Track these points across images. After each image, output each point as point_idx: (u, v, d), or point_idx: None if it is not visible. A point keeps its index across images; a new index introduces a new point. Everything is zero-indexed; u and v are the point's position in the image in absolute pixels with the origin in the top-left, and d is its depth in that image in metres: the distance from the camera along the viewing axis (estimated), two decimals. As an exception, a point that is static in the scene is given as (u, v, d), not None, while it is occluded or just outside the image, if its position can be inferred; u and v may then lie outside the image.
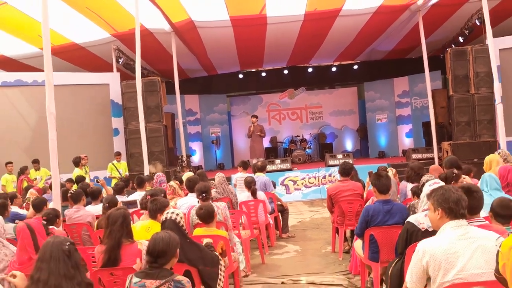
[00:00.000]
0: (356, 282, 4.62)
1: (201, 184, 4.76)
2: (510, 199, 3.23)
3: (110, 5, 9.20)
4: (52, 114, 5.19)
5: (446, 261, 2.35)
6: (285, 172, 11.40)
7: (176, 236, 2.69)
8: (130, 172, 10.08)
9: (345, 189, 5.50)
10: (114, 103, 11.24)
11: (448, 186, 2.64)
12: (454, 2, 10.54)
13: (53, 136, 5.19)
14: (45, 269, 2.33)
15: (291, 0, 9.88)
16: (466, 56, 10.41)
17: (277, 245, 6.57)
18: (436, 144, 11.00)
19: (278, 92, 16.85)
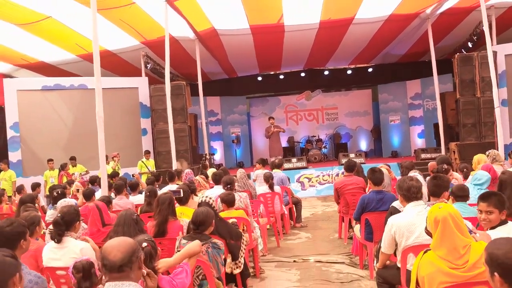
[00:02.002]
0: (356, 260, 5.56)
1: (227, 177, 5.78)
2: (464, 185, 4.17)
3: (140, 16, 10.24)
4: (101, 118, 6.24)
5: (407, 231, 3.30)
6: (301, 170, 12.33)
7: (211, 211, 3.71)
8: (158, 169, 11.13)
9: (349, 183, 6.43)
10: (143, 105, 12.34)
11: (405, 177, 3.58)
12: (462, 11, 11.29)
13: (101, 137, 6.24)
14: (120, 231, 3.34)
15: (306, 10, 10.75)
16: (472, 61, 11.18)
17: (290, 232, 7.55)
18: (444, 145, 11.81)
19: (295, 94, 17.81)
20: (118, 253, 1.99)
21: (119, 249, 2.00)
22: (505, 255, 1.71)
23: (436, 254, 2.54)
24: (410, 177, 3.53)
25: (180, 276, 2.72)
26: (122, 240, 2.09)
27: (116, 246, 2.02)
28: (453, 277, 2.46)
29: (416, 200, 3.40)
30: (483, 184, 4.73)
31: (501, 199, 3.23)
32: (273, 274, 5.41)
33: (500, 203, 3.18)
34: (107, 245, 2.05)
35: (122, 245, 2.03)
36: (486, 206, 3.16)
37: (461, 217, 2.62)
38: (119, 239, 2.11)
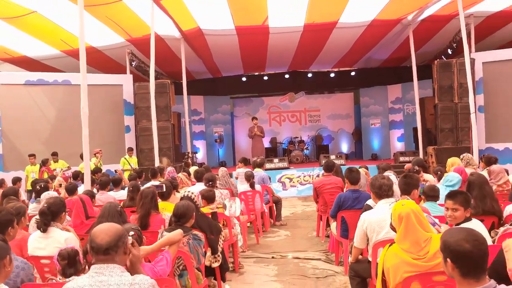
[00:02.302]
0: (332, 257, 5.78)
1: (209, 174, 5.95)
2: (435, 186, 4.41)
3: (126, 14, 10.32)
4: (85, 114, 6.34)
5: (378, 226, 3.51)
6: (283, 170, 12.55)
7: (192, 204, 3.87)
8: (140, 166, 11.20)
9: (328, 182, 6.64)
10: (127, 102, 12.41)
11: (377, 176, 3.81)
12: (442, 18, 11.63)
13: (86, 133, 6.34)
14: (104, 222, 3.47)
15: (291, 13, 10.96)
16: (451, 68, 11.50)
17: (270, 230, 7.75)
18: (422, 148, 12.15)
19: (279, 95, 18.03)
20: (105, 237, 2.14)
21: (107, 233, 2.15)
22: (456, 242, 1.92)
23: (400, 247, 2.74)
24: (382, 176, 3.75)
25: (161, 263, 2.88)
26: (111, 225, 2.24)
27: (104, 230, 2.18)
28: (416, 267, 2.67)
29: (387, 197, 3.62)
30: (454, 185, 4.98)
31: (467, 198, 3.46)
32: (252, 269, 5.60)
33: (466, 202, 3.41)
34: (96, 229, 2.20)
35: (110, 230, 2.18)
36: (452, 204, 3.38)
37: (423, 213, 2.83)
38: (108, 224, 2.27)
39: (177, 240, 3.28)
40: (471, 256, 1.87)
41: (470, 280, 1.89)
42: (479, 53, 11.78)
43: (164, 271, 2.86)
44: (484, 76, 11.66)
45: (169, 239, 3.25)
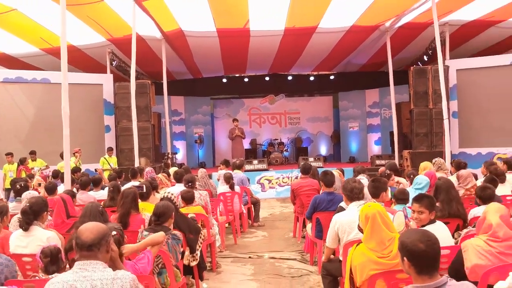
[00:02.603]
0: (307, 257, 5.98)
1: (188, 175, 6.09)
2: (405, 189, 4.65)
3: (108, 14, 10.36)
4: (66, 114, 6.41)
5: (349, 227, 3.71)
6: (262, 172, 12.74)
7: (171, 204, 4.02)
8: (120, 166, 11.24)
9: (305, 184, 6.84)
10: (107, 102, 12.43)
11: (349, 179, 4.02)
12: (418, 26, 11.97)
13: (66, 132, 6.41)
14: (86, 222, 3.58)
15: (272, 17, 11.16)
16: (426, 74, 11.87)
17: (248, 231, 7.93)
18: (398, 152, 12.49)
19: (259, 97, 18.24)
20: (90, 235, 2.28)
21: (91, 231, 2.30)
22: (412, 242, 2.12)
23: (367, 246, 2.95)
24: (353, 179, 3.96)
25: (142, 261, 3.02)
26: (96, 224, 2.39)
27: (89, 229, 2.32)
28: (380, 265, 2.87)
29: (358, 200, 3.83)
30: (423, 188, 5.22)
31: (432, 201, 3.69)
32: (229, 268, 5.76)
33: (430, 205, 3.63)
34: (82, 227, 2.34)
35: (95, 229, 2.33)
36: (418, 206, 3.60)
37: (388, 214, 3.04)
38: (93, 223, 2.41)
39: (160, 241, 3.43)
40: (425, 255, 2.08)
41: (424, 277, 2.09)
42: (454, 60, 12.18)
43: (145, 269, 3.01)
44: (458, 83, 12.06)
45: (152, 240, 3.39)
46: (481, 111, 11.87)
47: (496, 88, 11.69)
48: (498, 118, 11.60)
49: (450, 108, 11.75)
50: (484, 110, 11.84)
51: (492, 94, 11.73)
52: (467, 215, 4.49)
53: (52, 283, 2.24)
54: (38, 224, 3.73)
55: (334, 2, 9.94)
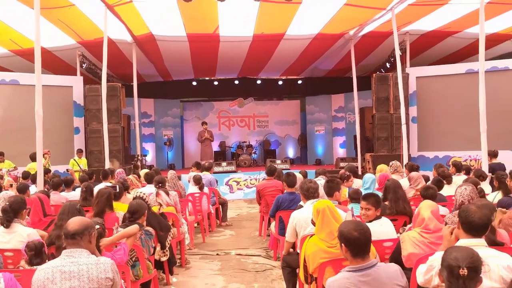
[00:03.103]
0: (271, 253, 6.43)
1: (159, 177, 6.44)
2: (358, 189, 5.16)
3: (79, 18, 10.55)
4: (40, 116, 6.66)
5: (305, 222, 4.16)
6: (230, 174, 13.14)
7: (144, 203, 4.38)
8: (89, 168, 11.42)
9: (269, 185, 7.29)
10: (76, 104, 12.58)
11: (305, 180, 4.48)
12: (381, 35, 12.62)
13: (39, 134, 6.65)
14: (65, 219, 3.90)
15: (241, 24, 11.58)
16: (387, 81, 12.53)
17: (216, 230, 8.32)
18: (361, 155, 13.11)
19: (228, 100, 18.65)
20: (75, 226, 2.65)
21: (76, 223, 2.68)
22: (348, 231, 2.57)
23: (318, 237, 3.40)
24: (309, 180, 4.42)
25: (119, 253, 3.39)
26: (81, 218, 2.77)
27: (75, 221, 2.70)
28: (329, 253, 3.33)
29: (313, 198, 4.29)
30: (370, 186, 5.76)
31: (378, 199, 4.17)
32: (197, 264, 6.15)
33: (377, 203, 4.12)
34: (70, 220, 2.71)
35: (79, 221, 2.71)
36: (365, 204, 4.08)
37: (336, 209, 3.50)
38: (79, 217, 2.79)
39: (134, 233, 3.80)
40: (358, 242, 2.53)
41: (358, 259, 2.55)
42: (413, 68, 12.91)
43: (122, 260, 3.37)
44: (418, 90, 12.79)
45: (126, 232, 3.76)
46: (439, 116, 12.61)
47: (453, 95, 12.44)
48: (454, 123, 12.35)
49: (409, 114, 12.47)
50: (441, 116, 12.59)
51: (449, 100, 12.48)
52: (413, 212, 5.01)
53: (41, 268, 2.60)
54: (19, 222, 4.03)
55: (300, 11, 10.42)
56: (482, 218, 2.66)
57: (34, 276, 2.59)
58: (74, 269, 2.55)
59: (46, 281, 2.53)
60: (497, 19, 11.02)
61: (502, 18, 11.01)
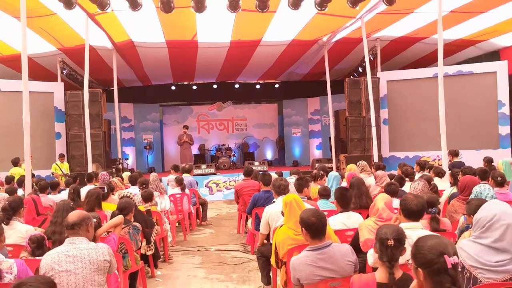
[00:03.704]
0: (249, 248, 6.95)
1: (142, 179, 6.92)
2: (327, 186, 5.73)
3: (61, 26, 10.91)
4: (27, 123, 7.05)
5: (276, 216, 4.70)
6: (210, 176, 13.61)
7: (132, 201, 4.86)
8: (71, 172, 11.77)
9: (247, 185, 7.81)
10: (58, 109, 12.91)
11: (277, 178, 5.03)
12: (353, 41, 13.27)
13: (27, 141, 7.05)
14: (59, 216, 4.37)
15: (218, 31, 12.08)
16: (359, 85, 13.21)
17: (196, 229, 8.81)
18: (335, 156, 13.75)
19: (207, 104, 19.13)
20: (74, 218, 3.15)
21: (75, 216, 3.19)
22: (307, 217, 3.10)
23: (287, 226, 3.93)
24: (281, 178, 4.97)
25: (109, 243, 3.86)
26: (79, 212, 3.27)
27: (74, 214, 3.20)
28: (296, 240, 3.86)
29: (284, 194, 4.82)
30: (333, 184, 6.36)
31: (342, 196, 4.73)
32: (180, 259, 6.63)
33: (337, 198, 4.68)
34: (70, 214, 3.19)
35: (78, 214, 3.21)
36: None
37: (302, 201, 4.05)
38: (78, 211, 3.28)
39: (119, 223, 4.27)
40: (316, 226, 3.07)
41: (316, 240, 3.09)
42: (384, 72, 13.62)
43: (113, 247, 3.84)
44: (388, 93, 13.49)
45: (112, 223, 4.24)
46: (409, 118, 13.33)
47: (421, 98, 13.16)
48: (423, 125, 13.06)
49: (381, 116, 13.17)
50: (411, 118, 13.32)
51: (418, 103, 13.21)
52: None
53: (49, 254, 3.07)
54: (17, 219, 4.46)
55: (275, 19, 10.97)
56: (417, 205, 3.24)
57: (42, 261, 3.06)
58: (77, 253, 3.03)
59: (53, 264, 3.00)
60: (461, 25, 11.74)
61: (466, 25, 11.73)
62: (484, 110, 12.79)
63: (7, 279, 2.98)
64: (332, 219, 4.57)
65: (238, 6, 8.20)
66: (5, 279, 2.97)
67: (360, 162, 8.49)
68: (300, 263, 3.05)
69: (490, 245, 2.59)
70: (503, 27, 11.64)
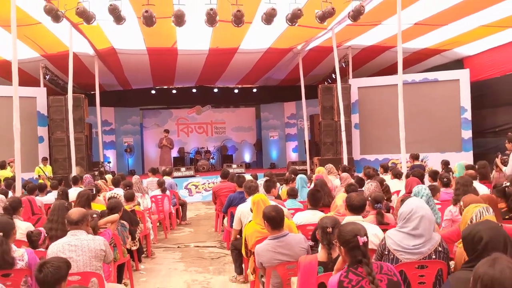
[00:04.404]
0: (225, 245, 7.64)
1: (126, 181, 7.57)
2: (294, 187, 6.48)
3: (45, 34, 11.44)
4: (17, 129, 7.63)
5: (247, 213, 5.41)
6: (189, 178, 14.27)
7: (120, 201, 5.52)
8: (54, 175, 12.28)
9: (224, 187, 8.52)
10: (40, 114, 13.41)
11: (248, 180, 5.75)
12: (326, 49, 14.08)
13: (17, 145, 7.62)
14: (56, 214, 5.00)
15: (197, 39, 12.75)
16: (332, 91, 14.02)
17: (176, 228, 9.48)
18: (309, 159, 14.55)
19: (187, 108, 19.79)
20: (77, 215, 3.81)
21: (77, 213, 3.84)
22: (268, 212, 3.82)
23: (255, 222, 4.65)
24: (251, 180, 5.70)
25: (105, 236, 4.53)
26: (80, 210, 3.93)
27: (75, 211, 3.85)
28: (262, 233, 4.56)
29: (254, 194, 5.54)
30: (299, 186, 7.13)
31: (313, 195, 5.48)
32: (161, 255, 7.31)
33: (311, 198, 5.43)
34: (71, 211, 3.85)
35: (79, 212, 3.87)
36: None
37: (268, 200, 4.77)
38: (79, 209, 3.94)
39: (115, 220, 4.94)
40: (275, 219, 3.80)
41: (276, 231, 3.81)
42: (355, 79, 14.47)
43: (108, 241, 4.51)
44: (359, 99, 14.35)
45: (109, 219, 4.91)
46: (379, 123, 14.18)
47: (389, 103, 14.01)
48: (391, 129, 13.88)
49: (352, 121, 14.02)
50: (380, 123, 14.16)
51: (386, 109, 14.05)
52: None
53: (54, 244, 3.74)
54: (18, 218, 5.07)
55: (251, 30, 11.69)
56: (359, 201, 4.01)
57: (48, 250, 3.73)
58: (78, 243, 3.70)
59: (58, 252, 3.66)
60: (426, 36, 12.65)
61: (431, 36, 12.64)
62: (448, 116, 13.73)
63: (19, 265, 3.63)
64: (299, 215, 5.30)
65: (216, 21, 8.88)
66: (18, 265, 3.62)
67: (327, 165, 9.28)
68: (263, 250, 3.78)
69: (409, 233, 3.35)
70: (463, 38, 12.60)
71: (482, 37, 12.45)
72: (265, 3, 8.90)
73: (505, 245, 2.42)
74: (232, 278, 5.87)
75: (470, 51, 13.97)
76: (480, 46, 13.31)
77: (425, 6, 10.28)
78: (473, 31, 11.97)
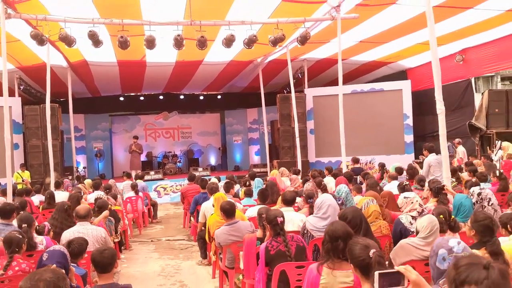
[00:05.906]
0: (192, 238, 9.13)
1: (107, 184, 8.97)
2: (251, 187, 8.04)
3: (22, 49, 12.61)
4: (8, 140, 8.88)
5: (210, 209, 6.92)
6: (158, 181, 15.64)
7: (107, 201, 6.95)
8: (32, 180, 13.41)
9: (190, 188, 9.98)
10: (15, 122, 14.50)
11: (211, 182, 7.28)
12: (284, 61, 15.69)
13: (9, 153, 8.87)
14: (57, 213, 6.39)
15: (165, 52, 14.11)
16: (289, 100, 15.64)
17: (149, 226, 10.90)
18: (270, 161, 16.16)
19: (154, 114, 21.10)
20: (83, 211, 5.25)
21: (84, 209, 5.27)
22: (223, 206, 5.35)
23: (216, 214, 6.18)
24: (213, 182, 7.22)
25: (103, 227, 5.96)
26: (86, 206, 5.36)
27: (82, 208, 5.29)
28: (221, 223, 6.09)
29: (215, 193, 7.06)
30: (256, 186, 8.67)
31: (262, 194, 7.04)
32: (137, 247, 8.74)
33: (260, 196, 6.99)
34: (78, 208, 5.29)
35: (85, 208, 5.30)
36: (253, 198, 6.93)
37: (226, 197, 6.31)
38: (85, 206, 5.38)
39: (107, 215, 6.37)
40: (228, 211, 5.32)
41: (229, 219, 5.34)
42: (310, 89, 16.19)
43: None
44: (314, 107, 16.07)
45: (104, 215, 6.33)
46: (331, 129, 15.80)
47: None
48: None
49: (307, 126, 15.71)
50: (333, 128, 15.81)
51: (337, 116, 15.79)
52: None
53: (67, 231, 5.17)
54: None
55: (214, 46, 13.18)
56: (290, 196, 5.59)
57: (62, 236, 5.15)
58: (84, 231, 5.14)
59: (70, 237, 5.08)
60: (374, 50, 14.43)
61: (377, 50, 14.42)
62: (393, 122, 15.61)
63: (39, 248, 5.04)
64: (250, 209, 6.84)
65: (182, 44, 10.33)
66: (39, 247, 5.04)
67: (280, 169, 10.90)
68: (220, 233, 5.31)
69: (321, 217, 4.95)
70: (404, 53, 14.49)
71: (420, 52, 14.35)
72: (225, 30, 10.37)
73: (361, 220, 4.02)
74: (199, 262, 7.37)
75: (411, 64, 15.94)
76: (420, 59, 15.25)
77: (366, 28, 12.00)
78: (412, 47, 13.86)
